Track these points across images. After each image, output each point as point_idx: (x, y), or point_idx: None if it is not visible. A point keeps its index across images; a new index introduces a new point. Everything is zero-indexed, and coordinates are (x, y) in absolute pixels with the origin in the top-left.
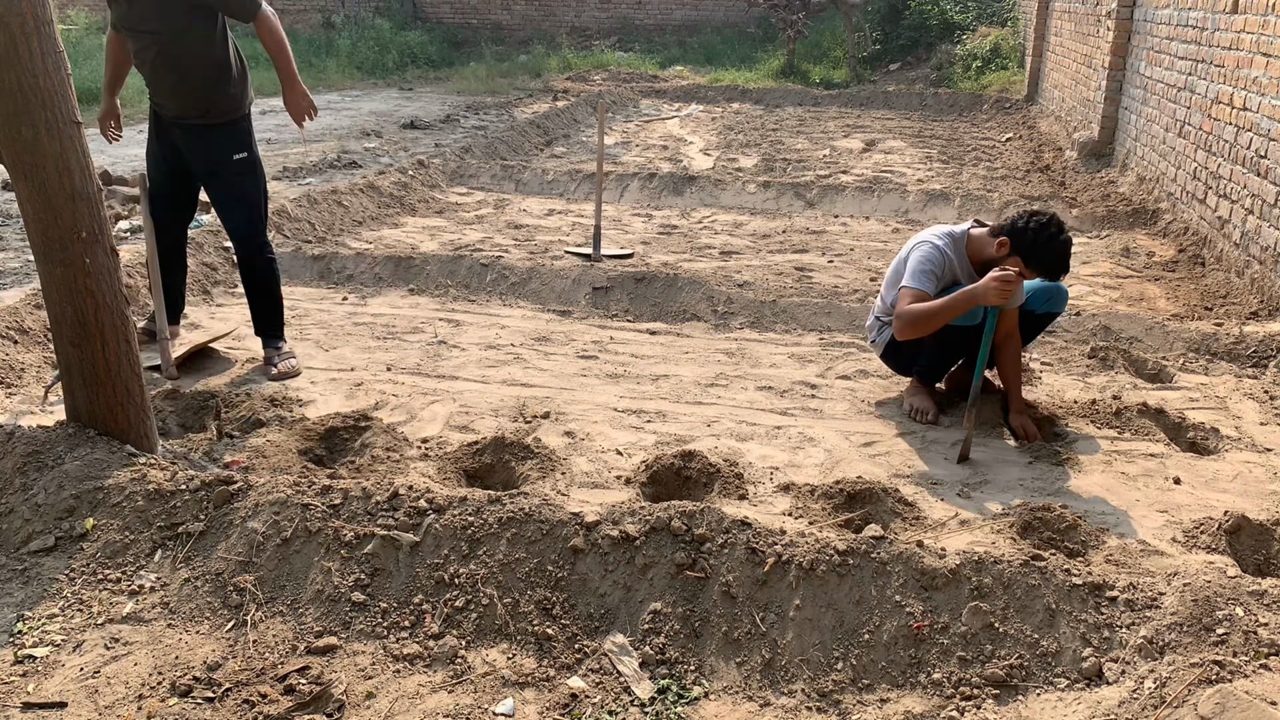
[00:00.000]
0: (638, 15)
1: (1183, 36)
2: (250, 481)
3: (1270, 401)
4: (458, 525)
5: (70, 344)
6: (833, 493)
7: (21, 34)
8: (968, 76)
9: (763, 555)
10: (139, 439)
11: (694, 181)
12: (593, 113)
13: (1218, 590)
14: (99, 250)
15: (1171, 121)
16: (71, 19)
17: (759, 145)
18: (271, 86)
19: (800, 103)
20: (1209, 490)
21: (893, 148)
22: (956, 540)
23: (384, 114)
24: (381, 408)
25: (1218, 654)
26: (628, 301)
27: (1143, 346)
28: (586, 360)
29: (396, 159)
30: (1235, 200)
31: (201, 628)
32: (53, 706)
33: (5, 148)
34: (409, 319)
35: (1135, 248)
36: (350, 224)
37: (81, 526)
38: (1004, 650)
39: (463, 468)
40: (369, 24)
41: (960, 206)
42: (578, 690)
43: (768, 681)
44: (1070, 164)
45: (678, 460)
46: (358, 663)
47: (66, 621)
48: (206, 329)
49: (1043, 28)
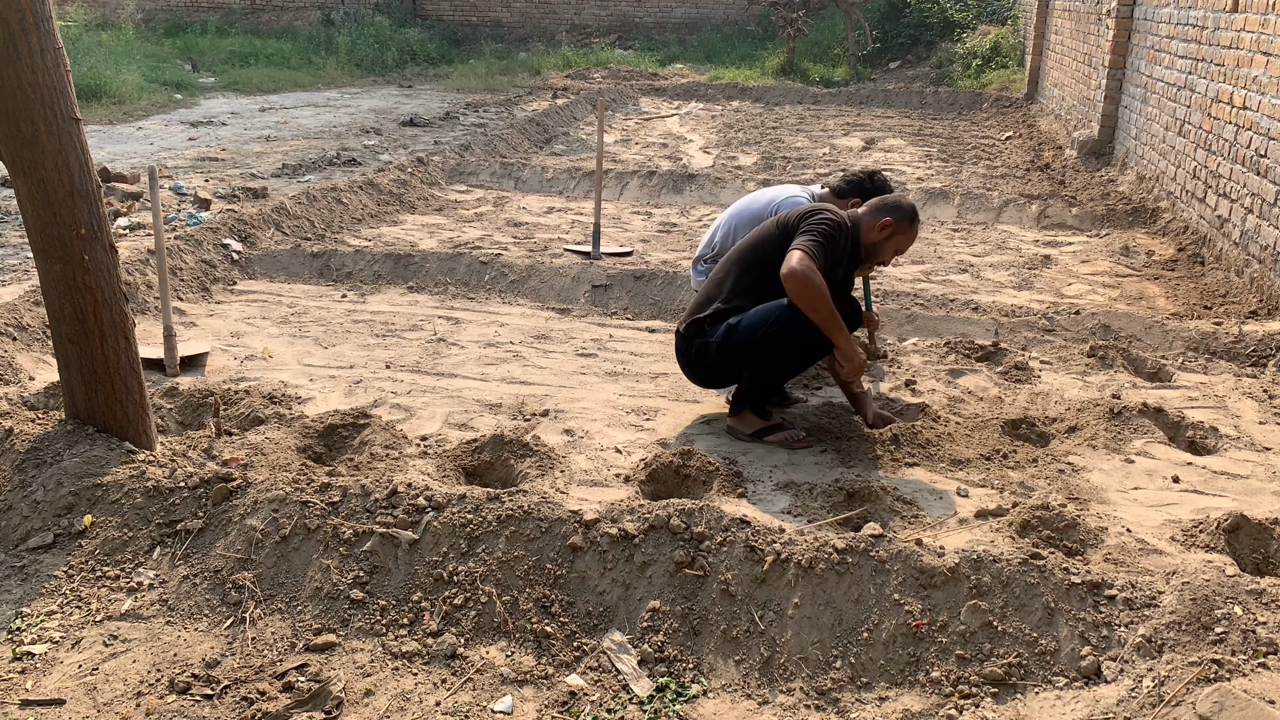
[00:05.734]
0: (638, 13)
1: (1183, 35)
2: (249, 479)
3: (1269, 400)
4: (456, 523)
5: (69, 341)
6: (831, 491)
7: (20, 30)
8: (968, 75)
9: (761, 553)
10: (138, 436)
11: (694, 180)
12: (592, 110)
13: (1216, 589)
14: (98, 247)
15: (1171, 120)
16: (70, 16)
17: (759, 143)
18: (270, 83)
19: (800, 101)
20: (1208, 489)
21: (892, 146)
22: (955, 539)
23: (383, 111)
24: (380, 405)
25: (1216, 653)
26: (627, 299)
27: (1142, 345)
28: (586, 358)
29: (396, 156)
30: (1235, 199)
31: (200, 625)
32: (51, 703)
33: (4, 144)
34: (408, 317)
35: (1135, 246)
36: (349, 221)
37: (80, 523)
38: (1003, 649)
39: (462, 465)
40: (368, 21)
41: (960, 205)
42: (576, 688)
43: (766, 679)
44: (1070, 162)
45: (677, 458)
46: (356, 660)
47: (65, 618)
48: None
49: (1043, 26)
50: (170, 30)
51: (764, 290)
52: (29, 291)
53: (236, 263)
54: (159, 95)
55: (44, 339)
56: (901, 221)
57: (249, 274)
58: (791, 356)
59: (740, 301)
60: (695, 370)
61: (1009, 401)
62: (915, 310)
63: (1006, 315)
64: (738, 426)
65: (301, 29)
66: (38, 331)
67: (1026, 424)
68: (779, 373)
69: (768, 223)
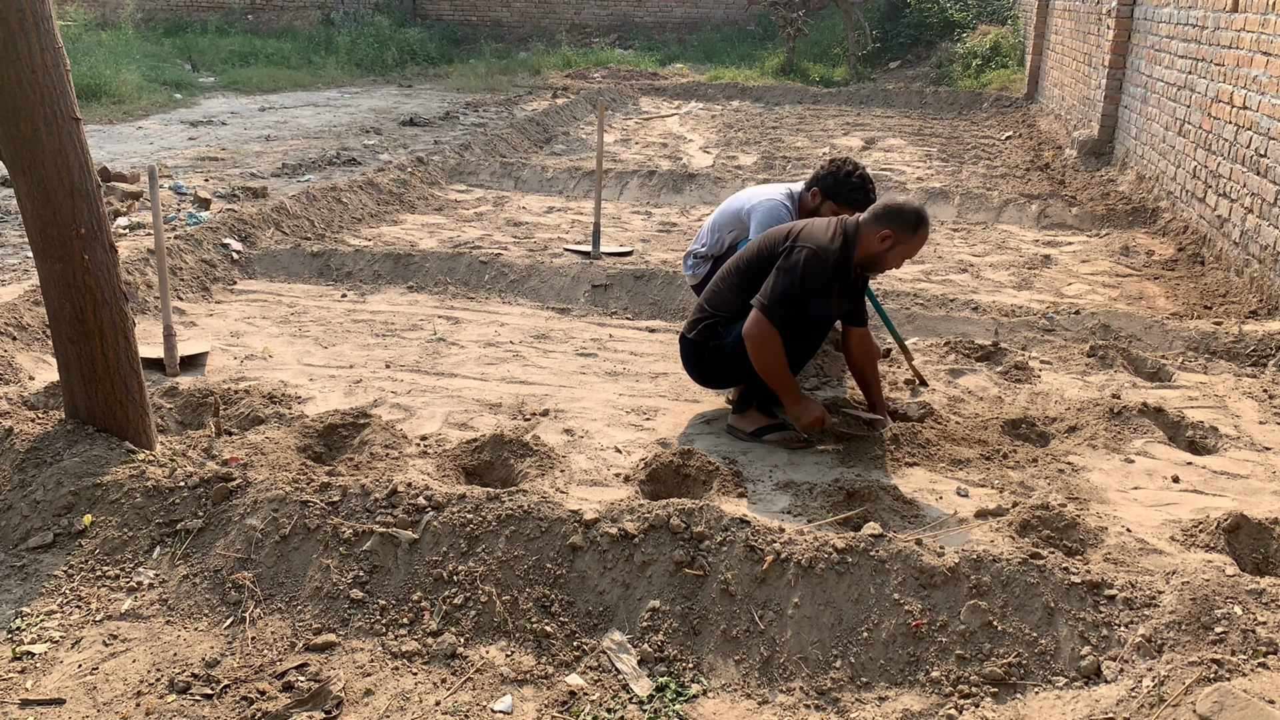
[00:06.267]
0: (638, 13)
1: (1183, 35)
2: (249, 478)
3: (1269, 400)
4: (456, 523)
5: (69, 340)
6: (831, 491)
7: (20, 30)
8: (968, 75)
9: (761, 553)
10: (137, 435)
11: (693, 179)
12: (592, 110)
13: (1216, 589)
14: (98, 246)
15: (1171, 120)
16: (70, 15)
17: (758, 143)
18: (270, 83)
19: (800, 100)
20: (1208, 489)
21: (892, 146)
22: (955, 538)
23: (383, 111)
24: (380, 405)
25: (1216, 653)
26: (627, 299)
27: (1142, 345)
28: (586, 358)
29: (396, 156)
30: (1235, 199)
31: (200, 624)
32: (51, 703)
33: (4, 144)
34: (408, 316)
35: (1135, 246)
36: (349, 221)
37: (80, 523)
38: (1002, 648)
39: (461, 465)
40: (368, 20)
41: (960, 205)
42: (576, 688)
43: (766, 679)
44: (1070, 162)
45: (677, 458)
46: (356, 660)
47: (65, 618)
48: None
49: (1043, 26)
50: (170, 30)
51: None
52: (29, 291)
53: (236, 262)
54: (159, 95)
55: (44, 339)
56: (903, 232)
57: (249, 274)
58: (791, 350)
59: (736, 307)
60: (706, 372)
61: (1009, 401)
62: (915, 310)
63: (1006, 315)
64: (739, 425)
65: (301, 29)
66: (38, 331)
67: (1026, 424)
68: (792, 363)
69: (762, 239)
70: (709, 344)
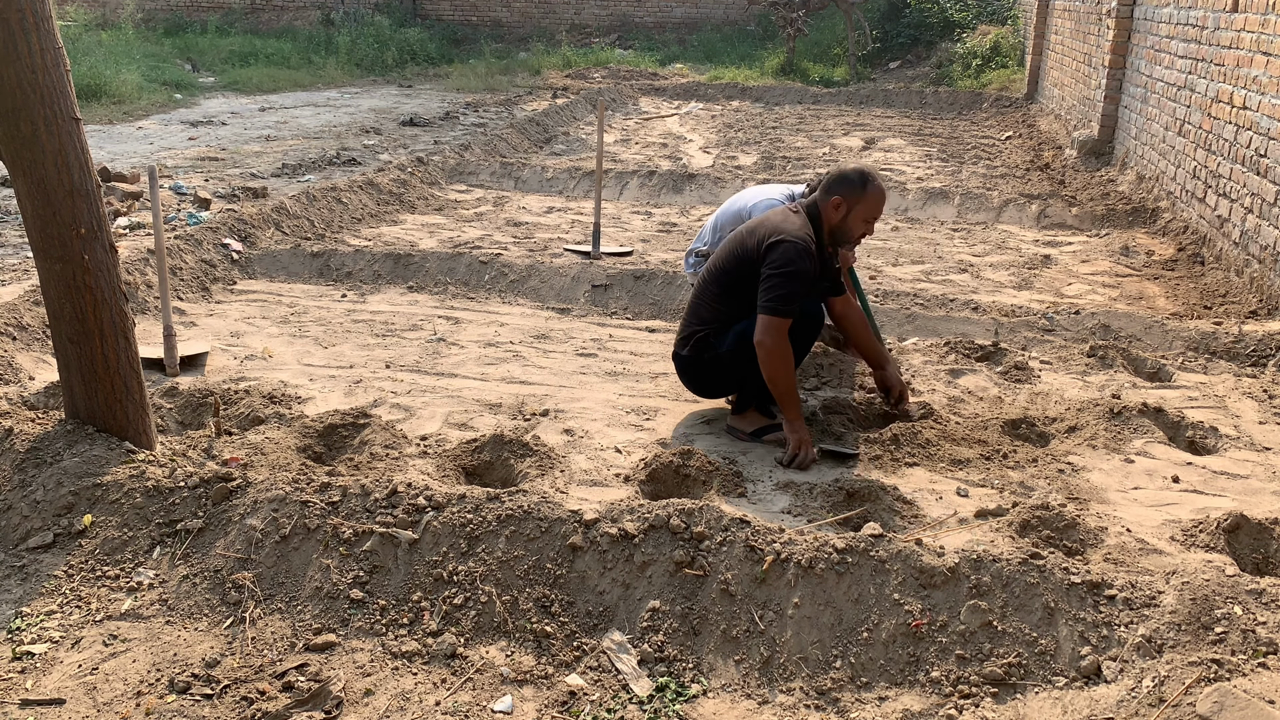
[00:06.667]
0: (638, 13)
1: (1183, 35)
2: (249, 478)
3: (1269, 400)
4: (456, 523)
5: (69, 340)
6: (831, 491)
7: (20, 30)
8: (968, 75)
9: (761, 553)
10: (137, 435)
11: (693, 179)
12: (592, 110)
13: (1216, 589)
14: (98, 246)
15: (1171, 120)
16: (70, 16)
17: (758, 143)
18: (270, 83)
19: (800, 101)
20: (1208, 489)
21: (892, 146)
22: (955, 538)
23: (383, 111)
24: (380, 405)
25: (1216, 653)
26: (627, 299)
27: (1142, 345)
28: (586, 358)
29: (396, 156)
30: (1235, 199)
31: (200, 625)
32: (51, 703)
33: (4, 144)
34: (408, 316)
35: (1134, 246)
36: (349, 221)
37: (80, 523)
38: (1002, 648)
39: (461, 465)
40: (368, 21)
41: (960, 205)
42: (576, 688)
43: (766, 679)
44: (1070, 162)
45: (677, 458)
46: (356, 660)
47: (65, 618)
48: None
49: (1043, 26)
50: (170, 30)
51: (741, 301)
52: (29, 291)
53: (236, 262)
54: (159, 95)
55: (44, 339)
56: (851, 194)
57: (249, 274)
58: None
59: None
60: (705, 384)
61: (1009, 401)
62: (915, 310)
63: (1006, 315)
64: (738, 425)
65: (301, 29)
66: (38, 331)
67: (1026, 424)
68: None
69: (729, 248)
70: (704, 357)
